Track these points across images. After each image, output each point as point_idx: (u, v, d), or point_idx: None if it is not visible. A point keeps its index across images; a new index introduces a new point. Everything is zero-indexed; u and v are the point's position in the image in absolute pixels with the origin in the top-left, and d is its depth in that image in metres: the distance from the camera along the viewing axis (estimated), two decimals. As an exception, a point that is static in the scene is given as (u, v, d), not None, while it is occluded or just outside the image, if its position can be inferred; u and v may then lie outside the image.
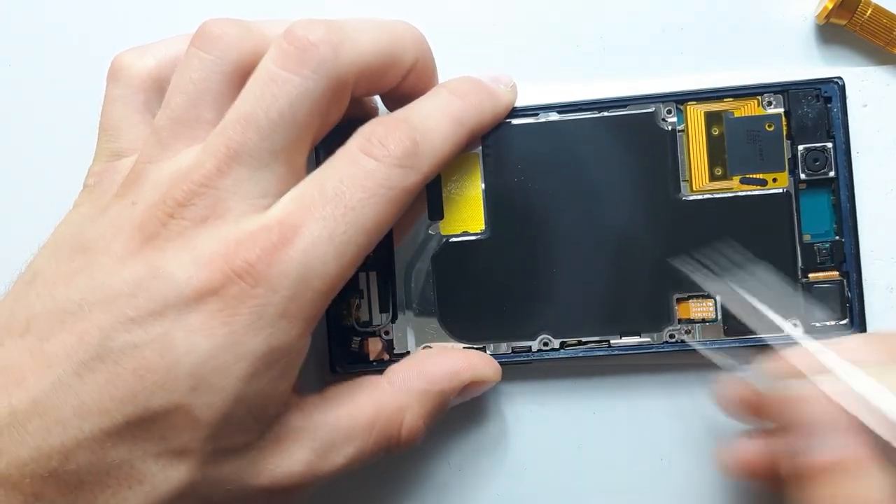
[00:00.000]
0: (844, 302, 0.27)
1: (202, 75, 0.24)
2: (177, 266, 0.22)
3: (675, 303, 0.27)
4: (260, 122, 0.23)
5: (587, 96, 0.28)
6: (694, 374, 0.29)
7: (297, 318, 0.23)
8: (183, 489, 0.23)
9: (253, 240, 0.22)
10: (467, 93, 0.26)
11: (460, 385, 0.26)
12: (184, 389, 0.22)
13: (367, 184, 0.23)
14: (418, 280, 0.28)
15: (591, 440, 0.29)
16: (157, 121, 0.24)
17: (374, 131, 0.24)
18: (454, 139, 0.25)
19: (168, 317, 0.22)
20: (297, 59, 0.23)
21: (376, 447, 0.25)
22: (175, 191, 0.23)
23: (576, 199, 0.27)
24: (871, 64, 0.28)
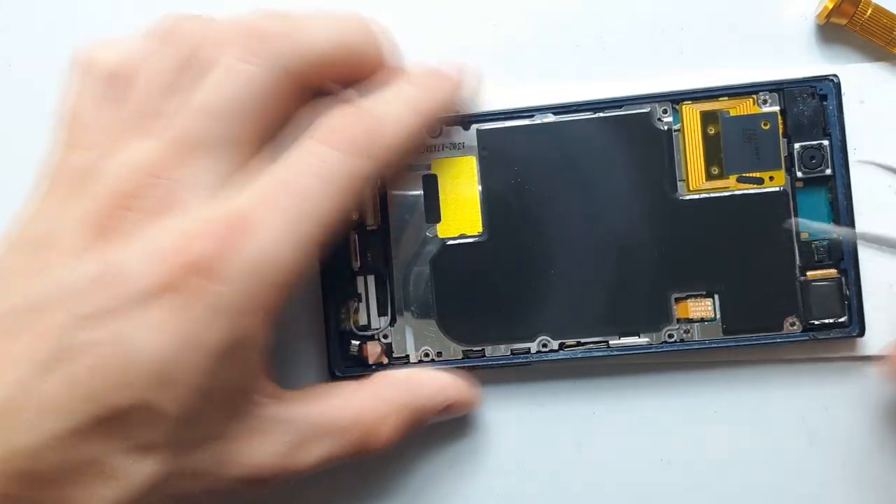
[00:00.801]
0: (843, 300, 0.27)
1: (162, 69, 0.24)
2: (131, 260, 0.22)
3: (674, 302, 0.27)
4: (214, 112, 0.23)
5: (586, 96, 0.28)
6: (694, 373, 0.28)
7: (254, 311, 0.23)
8: (155, 482, 0.23)
9: (207, 232, 0.22)
10: (425, 81, 0.26)
11: (441, 405, 0.27)
12: (145, 385, 0.22)
13: (322, 172, 0.23)
14: (416, 283, 0.28)
15: (591, 440, 0.29)
16: (114, 114, 0.24)
17: (331, 120, 0.24)
18: (410, 128, 0.25)
19: (124, 313, 0.22)
20: (252, 49, 0.23)
21: (349, 450, 0.25)
22: (129, 183, 0.23)
23: (573, 201, 0.27)
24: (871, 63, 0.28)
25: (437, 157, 0.28)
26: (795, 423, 0.28)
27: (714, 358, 0.28)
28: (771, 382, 0.28)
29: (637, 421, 0.29)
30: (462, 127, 0.28)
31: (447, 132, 0.28)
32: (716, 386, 0.28)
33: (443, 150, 0.28)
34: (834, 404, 0.28)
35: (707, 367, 0.28)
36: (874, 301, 0.28)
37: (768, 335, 0.27)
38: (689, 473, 0.28)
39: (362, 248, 0.28)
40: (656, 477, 0.29)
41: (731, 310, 0.27)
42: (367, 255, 0.28)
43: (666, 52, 0.29)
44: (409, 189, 0.28)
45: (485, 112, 0.28)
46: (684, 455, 0.29)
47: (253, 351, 0.23)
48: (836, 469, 0.28)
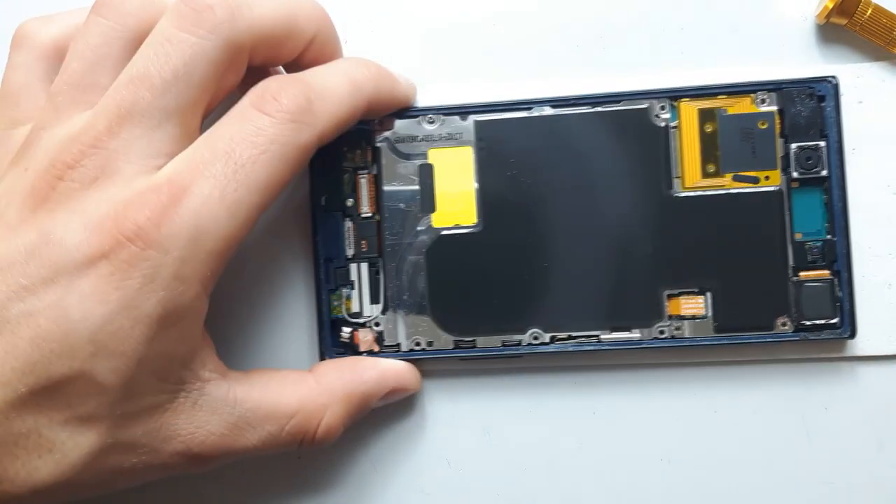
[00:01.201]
0: (835, 301, 0.27)
1: (100, 41, 0.24)
2: (67, 231, 0.22)
3: (666, 299, 0.27)
4: (153, 82, 0.23)
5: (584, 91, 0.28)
6: (694, 372, 0.28)
7: (191, 279, 0.23)
8: (94, 455, 0.23)
9: (142, 201, 0.22)
10: (368, 65, 0.26)
11: (384, 391, 0.27)
12: (84, 356, 0.22)
13: (257, 140, 0.23)
14: (410, 272, 0.28)
15: (591, 440, 0.29)
16: (53, 87, 0.24)
17: (268, 87, 0.24)
18: (351, 101, 0.25)
19: (60, 283, 0.22)
20: (192, 20, 0.23)
21: (290, 438, 0.25)
22: (65, 154, 0.23)
23: (568, 194, 0.27)
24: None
25: (434, 147, 0.28)
26: (795, 423, 0.28)
27: (705, 356, 0.28)
28: (771, 382, 0.28)
29: (637, 420, 0.29)
30: (460, 118, 0.28)
31: (444, 122, 0.28)
32: (716, 385, 0.28)
33: (440, 140, 0.28)
34: (834, 404, 0.28)
35: (707, 367, 0.28)
36: (872, 301, 0.28)
37: (759, 334, 0.27)
38: (689, 472, 0.29)
39: (356, 236, 0.28)
40: (656, 476, 0.29)
41: (722, 308, 0.27)
42: (362, 242, 0.28)
43: (666, 52, 0.29)
44: (406, 178, 0.28)
45: (482, 103, 0.28)
46: (684, 454, 0.29)
47: (192, 320, 0.23)
48: (835, 469, 0.28)
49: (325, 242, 0.28)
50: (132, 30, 0.24)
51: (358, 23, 0.29)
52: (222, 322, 0.29)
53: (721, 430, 0.28)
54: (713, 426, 0.28)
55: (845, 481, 0.28)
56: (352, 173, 0.28)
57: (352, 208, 0.28)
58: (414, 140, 0.28)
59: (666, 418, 0.29)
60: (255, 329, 0.29)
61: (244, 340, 0.29)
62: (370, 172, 0.28)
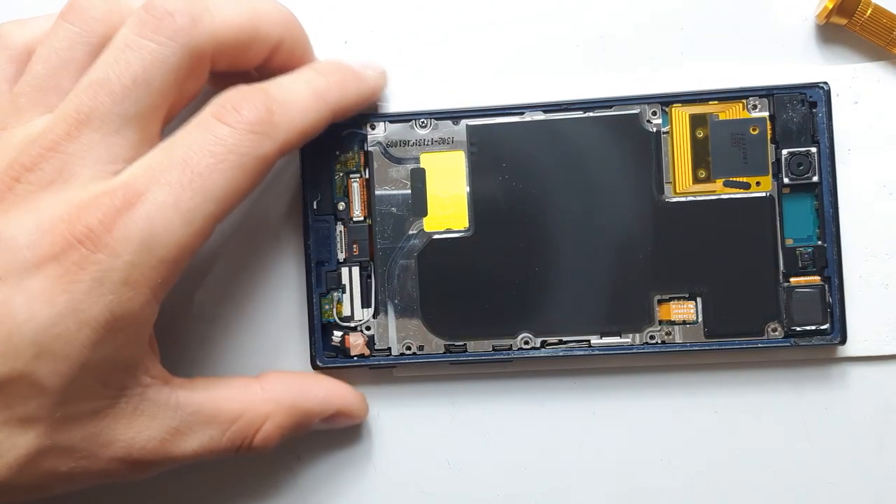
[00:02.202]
0: (825, 307, 0.27)
1: (65, 45, 0.24)
2: (19, 231, 0.22)
3: (657, 304, 0.27)
4: (113, 87, 0.23)
5: (583, 93, 0.28)
6: (694, 374, 0.29)
7: (140, 286, 0.23)
8: (31, 456, 0.23)
9: (95, 204, 0.22)
10: (332, 72, 0.26)
11: (327, 412, 0.27)
12: (26, 357, 0.22)
13: (216, 150, 0.23)
14: (401, 276, 0.28)
15: (591, 440, 0.29)
16: (16, 88, 0.25)
17: (230, 98, 0.24)
18: (314, 113, 0.25)
19: (8, 282, 0.22)
20: (153, 26, 0.23)
21: (229, 443, 0.25)
22: (23, 156, 0.23)
23: (560, 199, 0.27)
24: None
25: (426, 152, 0.28)
26: (795, 423, 0.28)
27: (700, 359, 0.28)
28: (770, 383, 0.28)
29: (637, 421, 0.29)
30: (452, 122, 0.28)
31: (436, 126, 0.28)
32: (716, 386, 0.28)
33: (432, 144, 0.28)
34: (833, 405, 0.28)
35: (707, 368, 0.28)
36: (869, 302, 0.28)
37: (750, 340, 0.27)
38: (689, 473, 0.29)
39: (348, 240, 0.28)
40: (656, 476, 0.29)
41: (713, 313, 0.27)
42: (353, 246, 0.28)
43: (666, 53, 0.29)
44: (397, 182, 0.28)
45: (475, 108, 0.28)
46: (684, 455, 0.29)
47: (139, 327, 0.23)
48: (835, 469, 0.28)
49: (317, 246, 0.28)
50: (97, 35, 0.24)
51: (357, 23, 0.29)
52: (214, 325, 0.29)
53: (721, 430, 0.28)
54: (713, 426, 0.28)
55: (845, 481, 0.28)
56: (344, 177, 0.28)
57: (343, 212, 0.28)
58: (406, 144, 0.28)
59: (665, 419, 0.29)
60: (247, 333, 0.29)
61: (235, 344, 0.29)
62: (362, 176, 0.28)
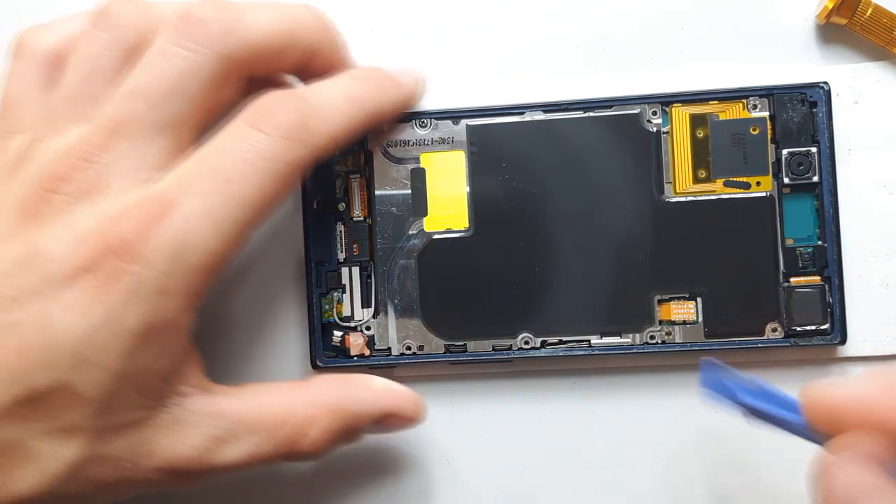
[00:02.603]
0: (825, 307, 0.27)
1: (98, 53, 0.24)
2: (55, 243, 0.22)
3: (657, 304, 0.27)
4: (147, 95, 0.23)
5: (583, 93, 0.28)
6: (694, 373, 0.28)
7: (175, 294, 0.22)
8: (75, 466, 0.23)
9: (129, 215, 0.22)
10: (369, 77, 0.26)
11: (378, 414, 0.26)
12: (65, 367, 0.22)
13: (248, 156, 0.23)
14: (401, 276, 0.28)
15: (591, 440, 0.29)
16: (50, 99, 0.25)
17: (264, 103, 0.24)
18: (349, 119, 0.25)
19: (45, 295, 0.22)
20: (187, 34, 0.23)
21: (276, 451, 0.25)
22: (58, 167, 0.23)
23: (560, 199, 0.27)
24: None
25: (426, 151, 0.28)
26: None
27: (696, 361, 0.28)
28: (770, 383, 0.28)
29: (637, 421, 0.29)
30: (452, 122, 0.28)
31: (436, 126, 0.28)
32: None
33: (432, 144, 0.28)
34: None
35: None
36: (869, 302, 0.28)
37: (750, 340, 0.27)
38: (689, 473, 0.29)
39: (348, 240, 0.28)
40: (656, 476, 0.29)
41: (713, 313, 0.27)
42: (353, 246, 0.28)
43: (666, 53, 0.29)
44: (398, 182, 0.28)
45: (475, 108, 0.28)
46: (684, 455, 0.29)
47: (175, 335, 0.23)
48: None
49: (317, 246, 0.28)
50: (130, 42, 0.24)
51: (357, 24, 0.29)
52: (213, 327, 0.29)
53: (721, 430, 0.28)
54: (713, 426, 0.28)
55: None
56: (344, 177, 0.28)
57: (343, 212, 0.28)
58: (406, 144, 0.28)
59: (665, 419, 0.29)
60: (247, 333, 0.29)
61: (235, 345, 0.29)
62: (362, 176, 0.28)
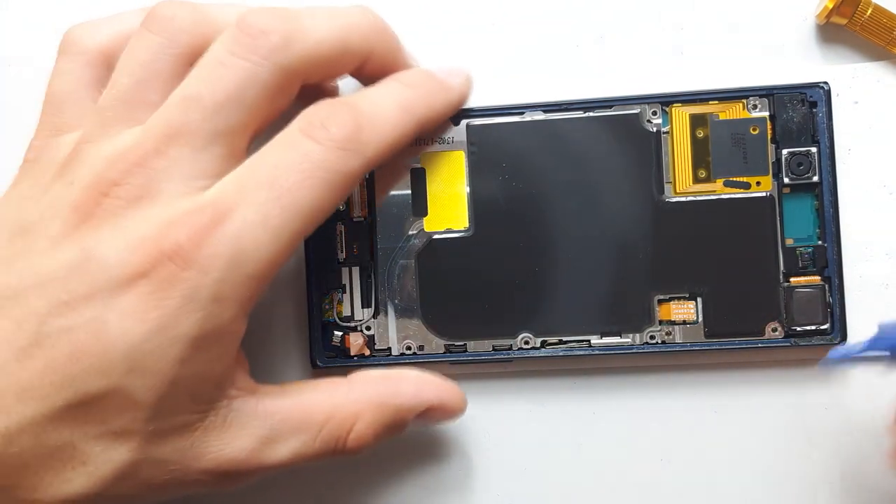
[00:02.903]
0: (825, 307, 0.27)
1: (150, 57, 0.24)
2: (109, 248, 0.22)
3: (657, 304, 0.27)
4: (204, 104, 0.23)
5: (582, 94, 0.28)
6: (694, 373, 0.29)
7: (230, 301, 0.23)
8: (125, 469, 0.23)
9: (184, 221, 0.22)
10: (419, 83, 0.26)
11: (421, 406, 0.26)
12: (120, 372, 0.22)
13: (304, 166, 0.23)
14: (401, 276, 0.28)
15: (591, 440, 0.29)
16: (101, 100, 0.24)
17: (317, 113, 0.24)
18: (401, 127, 0.25)
19: (100, 300, 0.22)
20: (247, 45, 0.23)
21: (322, 447, 0.25)
22: (111, 171, 0.23)
23: (560, 199, 0.27)
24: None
25: (426, 151, 0.28)
26: (795, 423, 0.28)
27: (700, 359, 0.28)
28: (770, 383, 0.28)
29: (637, 421, 0.29)
30: (452, 122, 0.28)
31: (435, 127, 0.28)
32: (716, 386, 0.28)
33: (432, 144, 0.28)
34: (834, 404, 0.28)
35: (707, 368, 0.28)
36: (869, 302, 0.28)
37: (750, 340, 0.27)
38: (688, 473, 0.29)
39: (348, 240, 0.28)
40: (656, 476, 0.29)
41: (713, 313, 0.27)
42: (353, 246, 0.28)
43: (666, 53, 0.29)
44: (397, 182, 0.28)
45: (475, 108, 0.28)
46: (684, 454, 0.29)
47: (228, 342, 0.23)
48: (835, 469, 0.28)
49: (317, 246, 0.28)
50: (183, 46, 0.24)
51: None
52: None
53: (721, 430, 0.28)
54: (713, 426, 0.28)
55: (845, 481, 0.28)
56: (344, 177, 0.28)
57: (343, 212, 0.28)
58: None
59: (665, 419, 0.29)
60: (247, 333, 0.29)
61: (235, 344, 0.29)
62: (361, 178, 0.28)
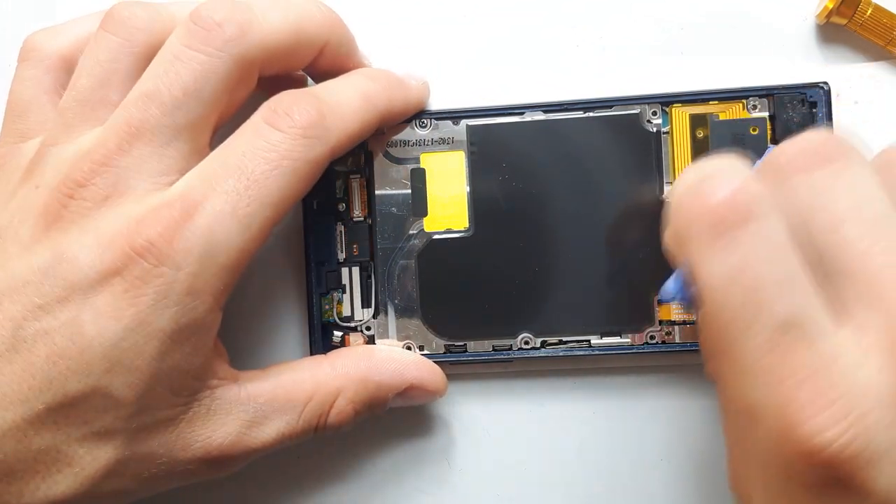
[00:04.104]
0: (826, 307, 0.27)
1: (109, 57, 0.24)
2: (80, 248, 0.22)
3: (656, 304, 0.27)
4: (163, 99, 0.23)
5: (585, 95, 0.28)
6: (694, 373, 0.29)
7: (204, 294, 0.23)
8: (112, 468, 0.23)
9: (154, 217, 0.22)
10: (380, 78, 0.26)
11: (401, 385, 0.26)
12: (98, 372, 0.22)
13: (270, 155, 0.23)
14: (401, 276, 0.28)
15: (591, 440, 0.29)
16: (62, 103, 0.25)
17: (280, 102, 0.24)
18: (363, 116, 0.25)
19: (74, 301, 0.22)
20: (202, 38, 0.23)
21: (306, 425, 0.25)
22: (76, 172, 0.23)
23: (560, 199, 0.27)
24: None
25: (426, 152, 0.28)
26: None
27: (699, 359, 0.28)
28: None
29: (637, 421, 0.29)
30: (452, 122, 0.28)
31: (436, 126, 0.28)
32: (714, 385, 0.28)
33: (432, 144, 0.28)
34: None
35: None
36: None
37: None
38: (689, 473, 0.29)
39: (348, 240, 0.28)
40: (656, 476, 0.29)
41: (713, 313, 0.27)
42: (353, 246, 0.28)
43: (666, 53, 0.29)
44: (398, 182, 0.28)
45: (475, 108, 0.28)
46: (684, 454, 0.29)
47: (204, 334, 0.24)
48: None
49: (317, 246, 0.28)
50: (141, 44, 0.24)
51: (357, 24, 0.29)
52: (214, 325, 0.29)
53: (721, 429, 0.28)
54: (713, 426, 0.28)
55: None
56: (344, 177, 0.28)
57: (344, 212, 0.28)
58: (406, 144, 0.28)
59: (665, 419, 0.29)
60: (247, 333, 0.29)
61: (235, 344, 0.29)
62: (362, 176, 0.28)
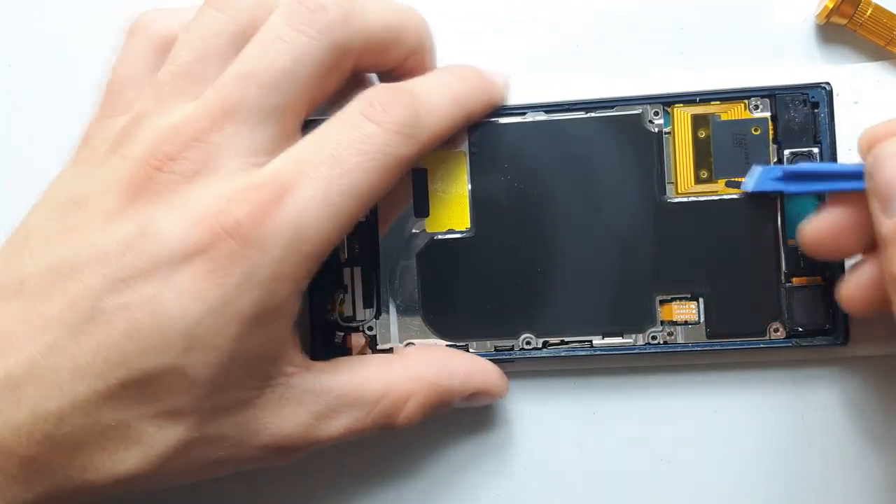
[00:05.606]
0: (827, 308, 0.27)
1: (211, 32, 0.24)
2: (166, 224, 0.22)
3: (658, 304, 0.27)
4: (261, 78, 0.23)
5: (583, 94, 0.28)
6: (694, 373, 0.29)
7: (287, 280, 0.22)
8: (180, 448, 0.23)
9: (244, 197, 0.22)
10: (469, 77, 0.26)
11: (469, 390, 0.26)
12: (177, 350, 0.22)
13: (364, 147, 0.23)
14: (403, 276, 0.28)
15: (591, 440, 0.29)
16: (159, 75, 0.24)
17: (377, 96, 0.24)
18: (452, 117, 0.25)
19: (157, 277, 0.22)
20: (305, 18, 0.23)
21: (373, 423, 0.25)
22: (166, 145, 0.23)
23: (562, 199, 0.27)
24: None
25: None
26: (794, 423, 0.28)
27: (701, 359, 0.28)
28: (770, 383, 0.28)
29: (638, 421, 0.29)
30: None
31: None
32: (716, 386, 0.28)
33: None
34: (834, 404, 0.28)
35: (708, 368, 0.28)
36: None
37: (751, 340, 0.27)
38: (689, 473, 0.29)
39: (350, 240, 0.28)
40: (656, 476, 0.29)
41: (715, 314, 0.27)
42: (355, 246, 0.28)
43: (666, 53, 0.29)
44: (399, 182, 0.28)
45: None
46: (684, 454, 0.29)
47: (284, 319, 0.23)
48: (835, 469, 0.28)
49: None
50: (243, 24, 0.24)
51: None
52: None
53: (721, 430, 0.28)
54: (713, 426, 0.28)
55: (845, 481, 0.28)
56: (346, 177, 0.28)
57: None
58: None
59: (666, 419, 0.29)
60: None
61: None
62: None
